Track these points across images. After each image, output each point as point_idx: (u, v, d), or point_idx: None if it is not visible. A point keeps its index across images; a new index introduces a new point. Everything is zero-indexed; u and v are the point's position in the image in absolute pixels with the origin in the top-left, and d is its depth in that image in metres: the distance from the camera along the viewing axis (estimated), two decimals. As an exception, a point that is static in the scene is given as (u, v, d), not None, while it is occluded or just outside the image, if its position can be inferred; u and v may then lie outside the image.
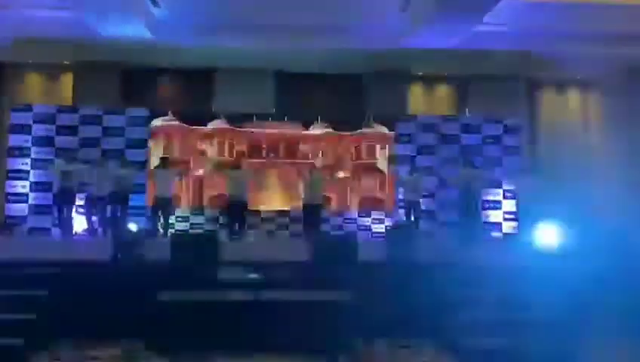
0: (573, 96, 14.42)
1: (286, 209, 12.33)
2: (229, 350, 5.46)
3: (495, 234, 12.04)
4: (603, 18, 10.94)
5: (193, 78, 13.48)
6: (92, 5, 9.92)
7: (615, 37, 11.39)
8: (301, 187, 10.85)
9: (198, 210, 12.21)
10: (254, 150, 12.90)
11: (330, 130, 13.08)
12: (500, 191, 12.18)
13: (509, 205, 12.08)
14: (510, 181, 11.91)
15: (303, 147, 12.88)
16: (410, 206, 10.76)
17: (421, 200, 11.15)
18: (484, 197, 11.60)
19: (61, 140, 11.68)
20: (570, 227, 8.86)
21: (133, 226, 7.55)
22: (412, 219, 10.70)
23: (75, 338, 5.86)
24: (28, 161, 11.65)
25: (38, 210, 11.48)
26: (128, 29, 10.78)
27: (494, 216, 12.15)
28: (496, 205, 12.16)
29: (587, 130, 14.21)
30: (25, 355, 5.23)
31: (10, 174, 11.61)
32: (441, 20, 10.25)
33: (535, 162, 13.24)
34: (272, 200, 12.58)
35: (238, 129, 12.92)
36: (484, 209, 11.75)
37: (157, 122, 12.47)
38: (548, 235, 8.42)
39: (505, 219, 12.17)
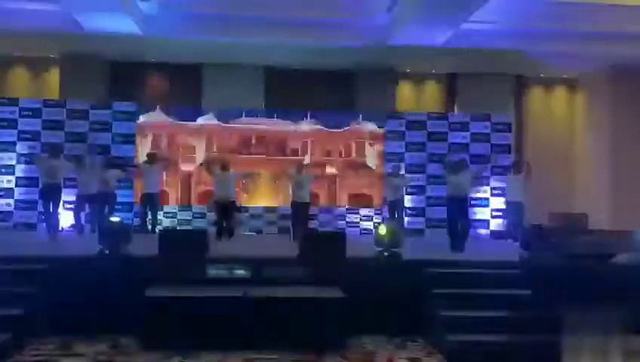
0: (560, 94, 14.57)
1: (274, 206, 12.31)
2: (218, 346, 5.45)
3: (482, 231, 12.14)
4: (590, 17, 11.03)
5: (182, 73, 13.40)
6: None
7: (601, 36, 11.49)
8: (290, 184, 10.82)
9: (186, 206, 12.14)
10: (243, 146, 12.82)
11: (319, 126, 13.04)
12: (488, 188, 12.27)
13: (497, 202, 12.16)
14: (498, 178, 12.01)
15: (291, 143, 12.81)
16: (394, 204, 10.86)
17: (405, 198, 11.23)
18: (472, 195, 11.65)
19: (47, 135, 11.58)
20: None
21: (120, 222, 7.48)
22: (396, 216, 10.80)
23: (62, 334, 5.81)
24: (14, 155, 11.54)
25: (24, 205, 11.40)
26: (116, 24, 10.69)
27: (482, 213, 12.23)
28: (483, 202, 12.24)
29: (573, 128, 14.36)
30: (12, 351, 5.18)
31: (-5, 169, 11.50)
32: (428, 18, 10.28)
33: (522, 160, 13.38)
34: (261, 197, 12.54)
35: (226, 125, 12.82)
36: (472, 206, 11.82)
37: (145, 117, 12.35)
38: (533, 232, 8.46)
39: (492, 217, 12.26)
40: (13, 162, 11.51)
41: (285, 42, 11.85)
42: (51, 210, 9.19)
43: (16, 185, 11.47)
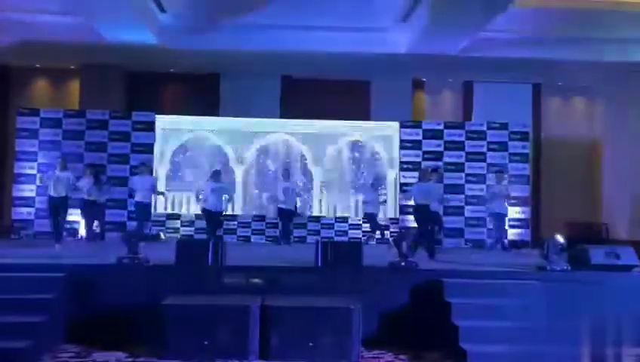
0: (579, 103, 14.41)
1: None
2: (234, 355, 5.46)
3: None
4: (608, 25, 10.94)
5: (199, 83, 13.55)
6: (99, 11, 9.99)
7: (619, 43, 11.39)
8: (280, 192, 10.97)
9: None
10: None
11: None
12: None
13: (515, 212, 12.04)
14: (515, 187, 11.91)
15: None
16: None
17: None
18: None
19: (67, 145, 11.75)
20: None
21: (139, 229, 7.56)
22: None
23: (80, 342, 5.87)
24: (34, 165, 11.71)
25: (44, 213, 11.53)
26: (135, 34, 10.85)
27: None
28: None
29: (592, 137, 14.17)
30: (30, 358, 5.23)
31: (17, 178, 11.68)
32: (445, 27, 10.28)
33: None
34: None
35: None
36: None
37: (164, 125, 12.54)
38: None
39: (510, 226, 12.13)
40: (34, 171, 11.68)
41: (301, 51, 11.92)
42: (60, 220, 9.24)
43: (36, 194, 11.63)
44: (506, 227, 10.92)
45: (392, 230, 12.01)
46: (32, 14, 10.75)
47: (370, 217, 11.35)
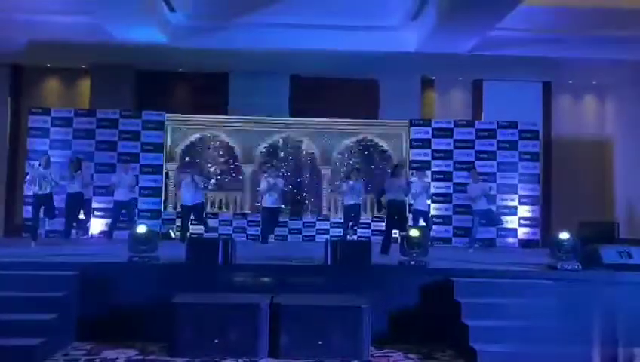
0: (590, 101, 14.29)
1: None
2: (244, 353, 5.47)
3: (511, 240, 11.98)
4: (619, 23, 10.85)
5: (208, 82, 13.58)
6: (109, 10, 10.04)
7: (631, 41, 11.29)
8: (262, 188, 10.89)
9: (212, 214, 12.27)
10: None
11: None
12: (516, 197, 12.11)
13: (525, 211, 12.00)
14: (525, 187, 11.87)
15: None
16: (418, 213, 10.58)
17: (430, 206, 11.05)
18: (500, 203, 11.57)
19: (78, 143, 11.83)
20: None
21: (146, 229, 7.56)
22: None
23: (92, 340, 5.91)
24: (45, 164, 11.77)
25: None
26: (145, 34, 10.89)
27: (510, 222, 12.06)
28: (512, 211, 12.08)
29: (603, 135, 14.05)
30: (42, 356, 5.27)
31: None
32: (455, 25, 10.24)
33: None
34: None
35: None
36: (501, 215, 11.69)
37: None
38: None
39: (520, 225, 12.09)
40: (45, 170, 11.74)
41: (310, 50, 11.91)
42: (37, 217, 9.38)
43: (47, 193, 11.68)
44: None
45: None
46: (43, 14, 10.81)
47: (347, 209, 10.60)
